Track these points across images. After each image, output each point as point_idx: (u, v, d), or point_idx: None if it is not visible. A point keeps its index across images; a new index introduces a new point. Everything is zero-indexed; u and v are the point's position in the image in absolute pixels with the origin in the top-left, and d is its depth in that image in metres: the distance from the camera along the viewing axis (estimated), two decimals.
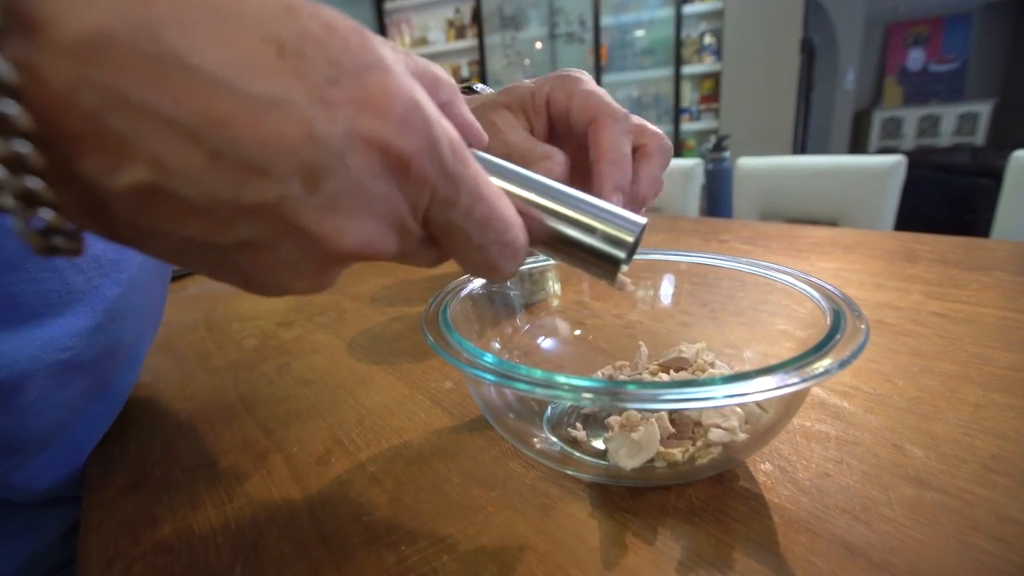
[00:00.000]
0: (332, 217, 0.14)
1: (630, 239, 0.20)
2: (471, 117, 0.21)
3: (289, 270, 0.15)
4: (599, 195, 0.27)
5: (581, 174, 0.29)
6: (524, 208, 0.20)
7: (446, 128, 0.16)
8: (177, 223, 0.13)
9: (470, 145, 0.20)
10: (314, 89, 0.13)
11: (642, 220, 0.21)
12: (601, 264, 0.20)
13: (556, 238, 0.20)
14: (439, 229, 0.17)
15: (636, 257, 0.36)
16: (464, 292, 0.32)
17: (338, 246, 0.15)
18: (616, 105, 0.29)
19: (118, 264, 0.31)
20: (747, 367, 0.32)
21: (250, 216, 0.13)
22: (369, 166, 0.14)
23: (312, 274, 0.16)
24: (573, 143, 0.31)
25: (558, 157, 0.28)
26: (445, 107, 0.19)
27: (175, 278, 0.80)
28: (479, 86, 0.38)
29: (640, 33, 2.94)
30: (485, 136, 0.21)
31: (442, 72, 0.20)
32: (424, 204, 0.16)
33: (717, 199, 2.53)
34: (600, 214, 0.20)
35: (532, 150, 0.28)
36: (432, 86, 0.18)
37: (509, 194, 0.19)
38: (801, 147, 2.68)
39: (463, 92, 0.37)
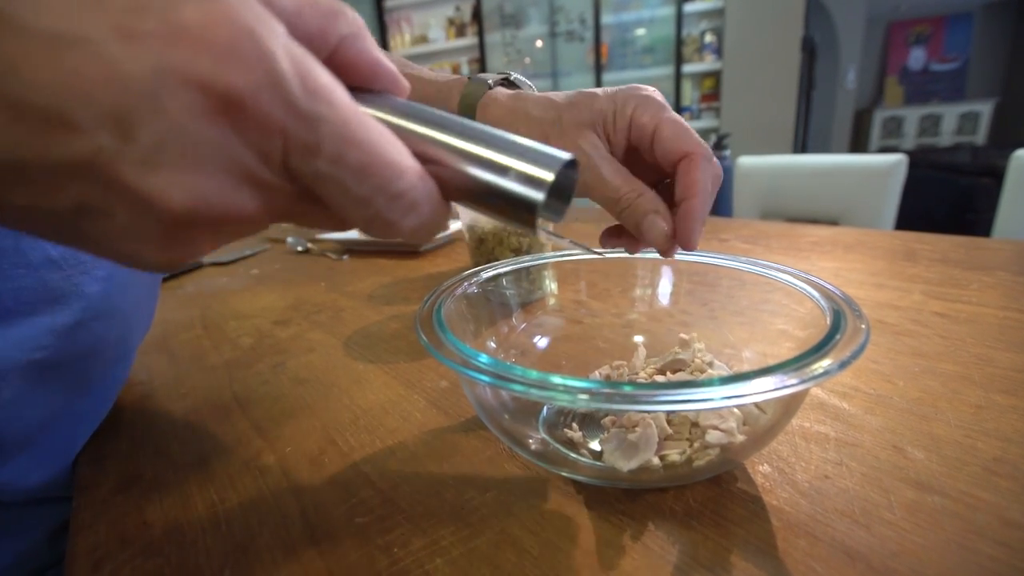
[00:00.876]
0: (157, 172, 0.12)
1: (548, 177, 0.17)
2: (379, 55, 0.18)
3: (132, 237, 0.13)
4: (687, 230, 0.26)
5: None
6: (427, 152, 0.17)
7: (298, 60, 0.13)
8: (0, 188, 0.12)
9: (383, 90, 0.18)
10: (116, 20, 0.11)
11: (565, 155, 0.17)
12: (519, 212, 0.17)
13: (468, 186, 0.17)
14: (311, 181, 0.15)
15: (636, 256, 0.36)
16: (459, 291, 0.31)
17: (169, 205, 0.13)
18: (701, 140, 0.27)
19: (99, 261, 0.31)
20: (746, 367, 0.32)
21: (70, 176, 0.12)
22: (190, 108, 0.12)
23: (160, 242, 0.14)
24: (644, 166, 0.29)
25: (665, 213, 0.27)
26: (345, 41, 0.17)
27: (173, 276, 0.80)
28: (517, 77, 0.35)
29: (641, 31, 2.93)
30: (404, 82, 0.18)
31: (345, 5, 0.17)
32: (278, 152, 0.14)
33: (717, 197, 2.52)
34: (515, 150, 0.17)
35: (635, 200, 0.27)
36: (326, 18, 0.16)
37: (404, 136, 0.17)
38: (802, 146, 2.67)
39: (502, 84, 0.34)
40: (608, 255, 0.33)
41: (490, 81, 0.33)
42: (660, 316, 0.38)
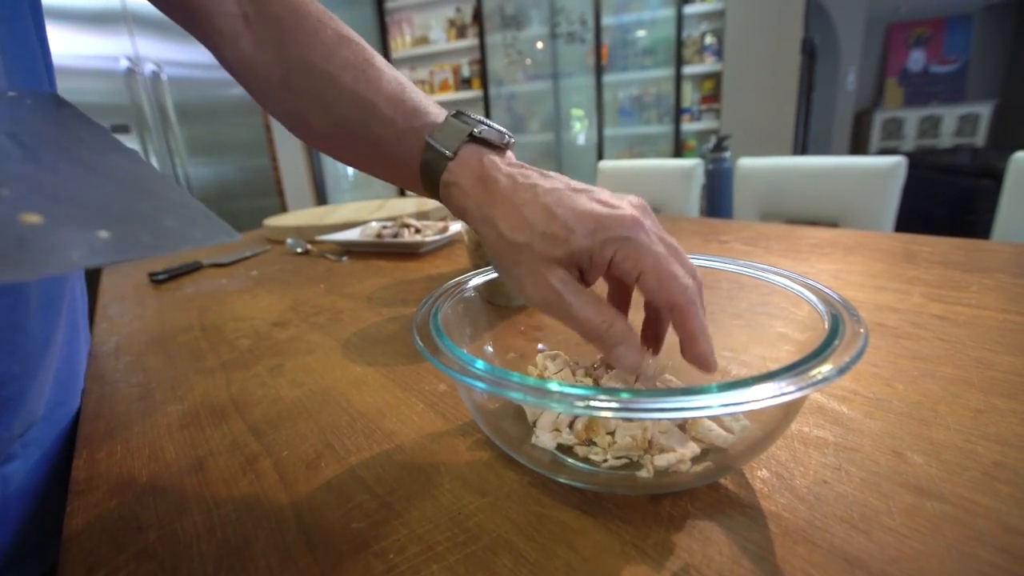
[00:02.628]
0: None
1: None
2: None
3: None
4: (704, 364, 0.25)
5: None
6: None
7: None
8: None
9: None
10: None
11: None
12: None
13: None
14: None
15: None
16: (456, 295, 0.31)
17: None
18: (687, 282, 0.25)
19: None
20: (745, 371, 0.31)
21: None
22: None
23: None
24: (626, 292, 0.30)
25: (634, 342, 0.26)
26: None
27: (172, 277, 0.79)
28: (482, 128, 0.30)
29: (641, 33, 2.93)
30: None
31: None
32: None
33: (718, 199, 2.52)
34: None
35: (605, 332, 0.25)
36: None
37: None
38: (802, 147, 2.67)
39: (455, 116, 0.30)
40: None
41: (448, 152, 0.29)
42: None
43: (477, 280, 0.33)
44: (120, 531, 0.26)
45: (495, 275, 0.34)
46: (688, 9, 2.74)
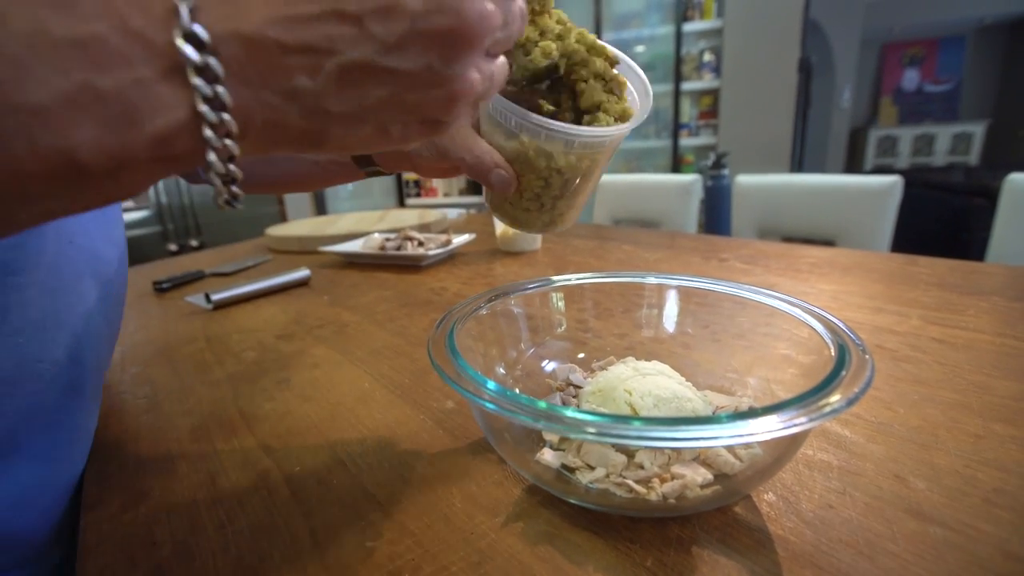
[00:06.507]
0: None
1: None
2: None
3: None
4: None
5: None
6: None
7: None
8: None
9: None
10: None
11: None
12: None
13: None
14: None
15: (639, 279, 0.37)
16: (471, 313, 0.32)
17: None
18: None
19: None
20: (750, 393, 0.32)
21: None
22: None
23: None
24: None
25: None
26: None
27: (175, 286, 0.80)
28: None
29: (640, 49, 2.97)
30: None
31: None
32: None
33: (716, 215, 2.54)
34: None
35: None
36: None
37: None
38: (798, 164, 2.70)
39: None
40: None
41: None
42: (662, 338, 0.38)
43: (489, 300, 0.34)
44: (134, 546, 0.26)
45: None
46: (687, 27, 2.78)
